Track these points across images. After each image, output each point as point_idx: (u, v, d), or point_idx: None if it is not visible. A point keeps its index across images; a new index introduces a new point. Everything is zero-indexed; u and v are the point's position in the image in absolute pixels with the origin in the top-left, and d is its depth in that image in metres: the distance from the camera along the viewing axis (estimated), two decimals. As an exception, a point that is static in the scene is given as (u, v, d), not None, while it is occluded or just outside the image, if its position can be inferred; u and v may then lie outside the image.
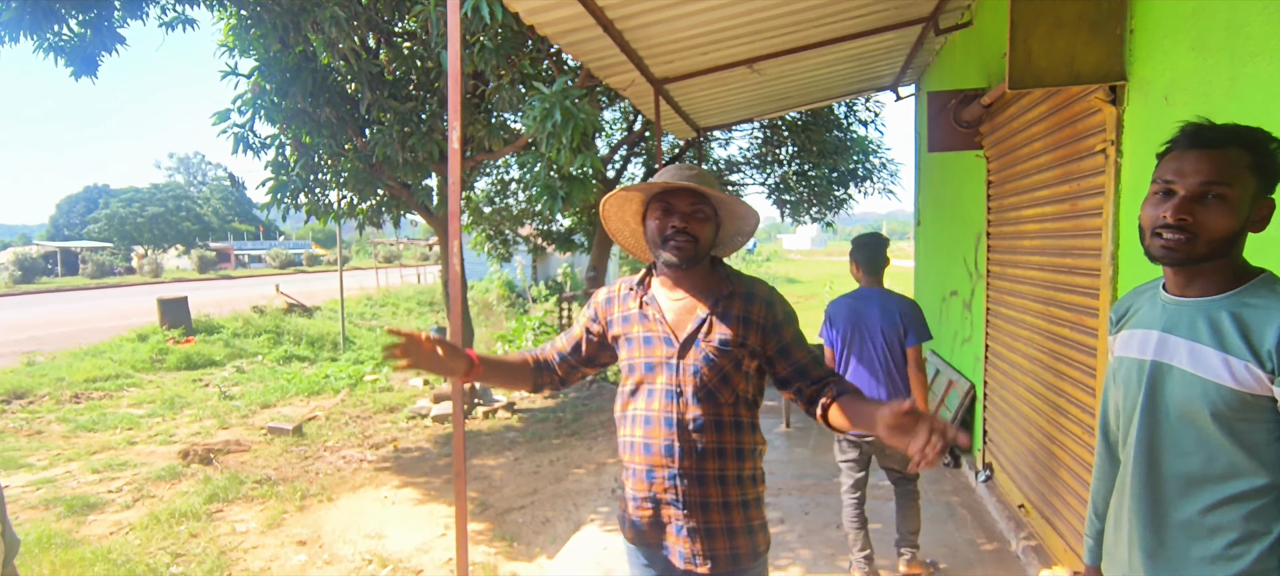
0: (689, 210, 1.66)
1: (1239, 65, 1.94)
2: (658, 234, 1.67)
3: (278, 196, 6.57)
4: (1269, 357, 1.14)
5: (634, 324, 1.74)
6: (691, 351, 1.68)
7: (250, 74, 6.12)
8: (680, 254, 1.65)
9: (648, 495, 1.70)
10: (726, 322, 1.68)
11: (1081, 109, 2.92)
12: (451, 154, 2.08)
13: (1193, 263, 1.23)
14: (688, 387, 1.66)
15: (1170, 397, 1.26)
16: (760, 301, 1.73)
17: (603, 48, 4.31)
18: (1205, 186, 1.19)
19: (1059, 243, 3.28)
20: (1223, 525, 1.22)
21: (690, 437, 1.66)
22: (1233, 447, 1.20)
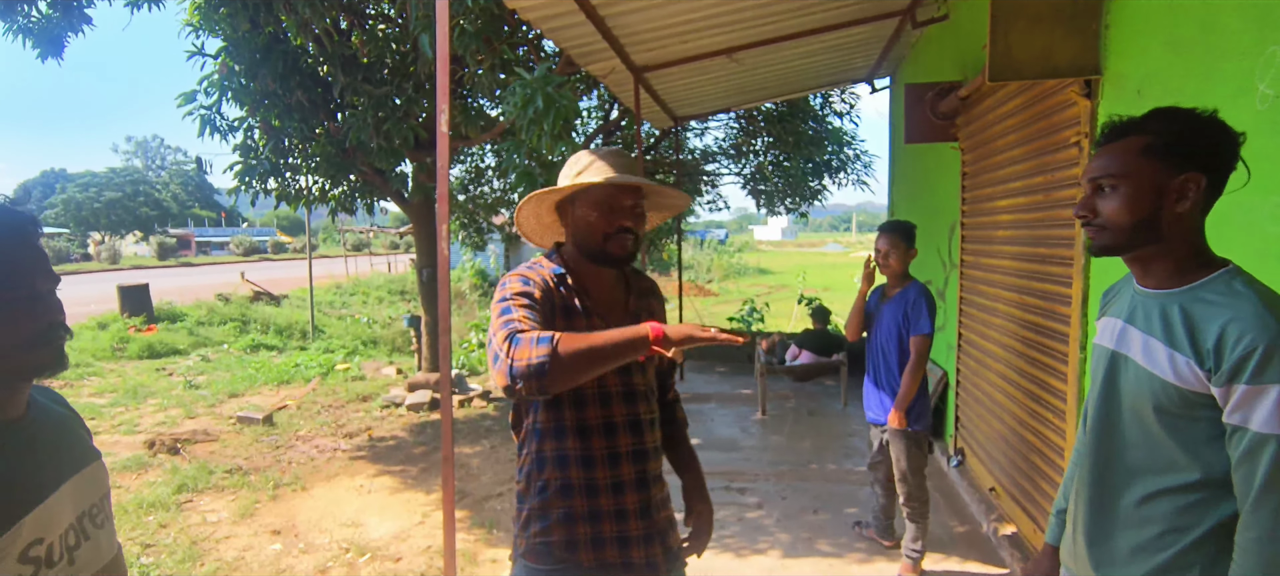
0: (633, 205, 1.57)
1: (1212, 61, 2.01)
2: (596, 230, 1.55)
3: (246, 181, 6.42)
4: (1208, 356, 1.14)
5: (574, 316, 1.57)
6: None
7: (217, 54, 5.95)
8: (625, 250, 1.56)
9: (614, 510, 1.55)
10: (649, 318, 1.63)
11: (1057, 102, 3.00)
12: (440, 137, 2.06)
13: (1115, 252, 1.27)
14: (640, 387, 1.60)
15: (1124, 388, 1.29)
16: (657, 295, 1.75)
17: (584, 34, 4.29)
18: (1095, 182, 1.26)
19: (1033, 232, 3.36)
20: (1155, 516, 1.24)
21: (651, 439, 1.61)
22: (1172, 443, 1.21)
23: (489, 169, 11.50)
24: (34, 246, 0.99)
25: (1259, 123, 1.78)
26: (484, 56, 4.87)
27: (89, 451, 1.11)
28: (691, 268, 28.39)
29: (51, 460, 1.02)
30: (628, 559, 1.56)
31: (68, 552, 1.00)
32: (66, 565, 1.00)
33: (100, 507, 1.09)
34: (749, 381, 7.80)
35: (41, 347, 0.97)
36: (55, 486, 1.01)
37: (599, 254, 1.57)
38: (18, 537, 0.94)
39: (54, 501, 1.00)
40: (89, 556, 1.04)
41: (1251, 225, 1.79)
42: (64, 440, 1.07)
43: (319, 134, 6.42)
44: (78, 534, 1.03)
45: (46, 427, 1.05)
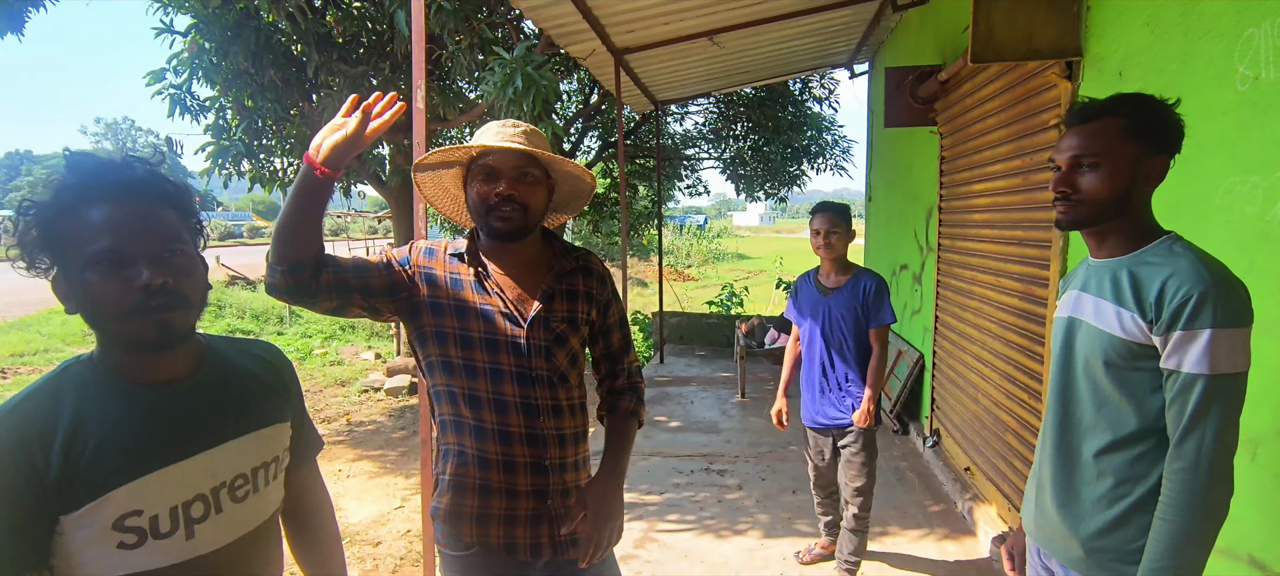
0: (515, 173, 1.47)
1: (1191, 42, 2.02)
2: (480, 203, 1.48)
3: (218, 162, 6.27)
4: (1150, 308, 1.25)
5: (467, 292, 1.50)
6: (541, 331, 1.52)
7: (187, 32, 5.79)
8: (507, 223, 1.46)
9: (505, 487, 1.50)
10: (572, 299, 1.58)
11: (1037, 84, 3.01)
12: (416, 114, 2.02)
13: (1084, 225, 1.37)
14: (541, 370, 1.51)
15: (1078, 349, 1.39)
16: (596, 275, 1.63)
17: (564, 13, 4.24)
18: (1075, 159, 1.34)
19: (1011, 215, 3.39)
20: (1109, 469, 1.34)
21: (551, 425, 1.53)
22: (1120, 396, 1.32)
23: (468, 152, 11.37)
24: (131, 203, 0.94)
25: (1239, 104, 1.80)
26: (462, 36, 4.79)
27: (253, 420, 1.08)
28: (671, 253, 28.43)
29: (195, 427, 1.01)
30: (511, 539, 1.51)
31: (187, 524, 0.97)
32: (182, 537, 0.97)
33: (248, 480, 1.05)
34: (728, 364, 7.83)
35: (134, 318, 0.93)
36: (179, 458, 0.98)
37: (486, 228, 1.50)
38: (106, 506, 0.92)
39: (175, 471, 0.97)
40: (215, 530, 1.00)
41: (1230, 206, 1.81)
42: (225, 407, 1.05)
43: (293, 114, 6.29)
44: (207, 505, 1.00)
45: (206, 392, 1.04)
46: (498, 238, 1.50)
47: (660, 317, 8.69)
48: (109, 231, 0.91)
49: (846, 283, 2.86)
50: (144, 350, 0.97)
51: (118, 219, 0.92)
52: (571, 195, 1.67)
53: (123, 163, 0.97)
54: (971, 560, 3.37)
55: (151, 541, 0.95)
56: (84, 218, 0.92)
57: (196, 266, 1.01)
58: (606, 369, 1.70)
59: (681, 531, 3.67)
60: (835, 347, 2.88)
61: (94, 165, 0.95)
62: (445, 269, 1.53)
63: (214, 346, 1.12)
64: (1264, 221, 1.72)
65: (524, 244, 1.55)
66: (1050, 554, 1.46)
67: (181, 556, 0.97)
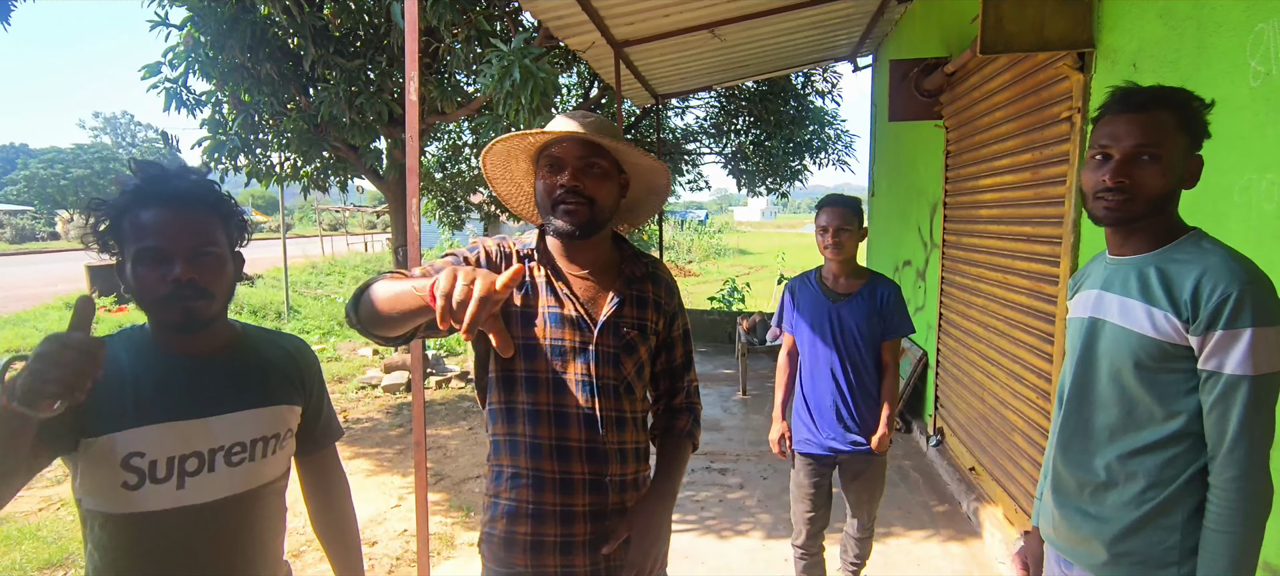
0: (581, 165, 1.36)
1: (1205, 35, 1.96)
2: (546, 195, 1.38)
3: (215, 157, 6.20)
4: (1185, 307, 1.21)
5: (537, 296, 1.42)
6: (609, 338, 1.42)
7: (182, 25, 5.71)
8: (572, 219, 1.36)
9: (560, 510, 1.40)
10: (640, 307, 1.48)
11: (1048, 76, 2.95)
12: (409, 105, 1.96)
13: (1131, 222, 1.30)
14: (609, 381, 1.42)
15: (1101, 351, 1.34)
16: (665, 285, 1.54)
17: (563, 4, 4.17)
18: (1138, 148, 1.25)
19: (1019, 211, 3.32)
20: (1137, 472, 1.30)
21: (612, 440, 1.43)
22: (1150, 398, 1.27)
23: (467, 146, 11.30)
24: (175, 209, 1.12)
25: (1254, 100, 1.75)
26: (459, 28, 4.72)
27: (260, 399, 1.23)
28: (672, 248, 28.38)
29: (210, 392, 1.18)
30: (570, 567, 1.41)
31: (180, 475, 1.13)
32: (174, 484, 1.13)
33: (246, 449, 1.19)
34: (730, 361, 7.78)
35: (164, 306, 1.12)
36: (194, 415, 1.15)
37: (551, 224, 1.39)
38: (112, 445, 1.09)
39: (177, 427, 1.13)
40: (205, 485, 1.16)
41: (1249, 203, 1.76)
42: (237, 384, 1.21)
43: (290, 109, 6.22)
44: (202, 462, 1.15)
45: (224, 369, 1.21)
46: (563, 234, 1.39)
47: (661, 313, 8.62)
48: (154, 232, 1.10)
49: (861, 289, 2.50)
50: (172, 331, 1.17)
51: (162, 222, 1.11)
52: (646, 193, 1.55)
53: (175, 173, 1.15)
54: (978, 562, 3.32)
55: (149, 484, 1.11)
56: (138, 218, 1.11)
57: (225, 266, 1.18)
58: (666, 385, 1.59)
59: (683, 531, 3.62)
60: (850, 362, 2.50)
61: (152, 174, 1.13)
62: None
63: (247, 334, 1.29)
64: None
65: (594, 243, 1.45)
66: (1072, 560, 1.41)
67: (172, 503, 1.13)
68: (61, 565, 3.53)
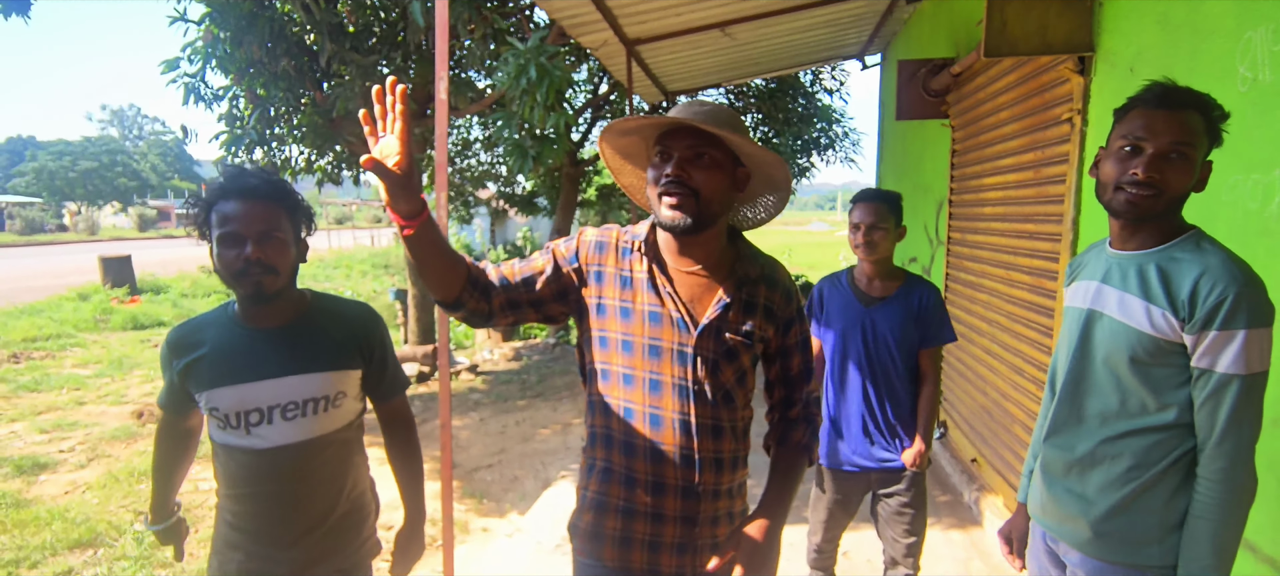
0: (690, 154, 1.30)
1: (1199, 40, 2.05)
2: (653, 185, 1.34)
3: (232, 150, 6.32)
4: (1182, 306, 1.26)
5: (637, 292, 1.38)
6: (711, 342, 1.37)
7: (201, 21, 5.82)
8: (676, 210, 1.30)
9: (651, 510, 1.39)
10: (750, 312, 1.40)
11: (1050, 78, 3.03)
12: (438, 104, 2.06)
13: (1151, 218, 1.32)
14: (706, 385, 1.36)
15: (1098, 342, 1.39)
16: (782, 289, 1.45)
17: (577, 3, 4.26)
18: (1174, 145, 1.27)
19: (1021, 209, 3.41)
20: (1123, 453, 1.36)
21: (709, 447, 1.38)
22: (1144, 389, 1.33)
23: (476, 141, 11.41)
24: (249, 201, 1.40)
25: (1242, 104, 1.83)
26: (475, 26, 4.82)
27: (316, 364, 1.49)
28: (678, 244, 28.29)
29: (270, 360, 1.46)
30: (655, 566, 1.40)
31: (246, 425, 1.45)
32: (243, 432, 1.46)
33: (299, 407, 1.47)
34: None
35: (239, 279, 1.40)
36: (255, 379, 1.44)
37: (657, 216, 1.34)
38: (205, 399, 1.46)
39: (242, 388, 1.44)
40: (267, 433, 1.46)
41: (1235, 202, 1.85)
42: (296, 352, 1.48)
43: (305, 103, 6.33)
44: (262, 416, 1.45)
45: (287, 339, 1.48)
46: (668, 227, 1.32)
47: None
48: (233, 219, 1.39)
49: (897, 292, 2.30)
50: (248, 303, 1.46)
51: (239, 211, 1.39)
52: (766, 187, 1.47)
53: (251, 173, 1.42)
54: (978, 550, 3.42)
55: (229, 428, 1.46)
56: (222, 208, 1.40)
57: (288, 248, 1.45)
58: (781, 394, 1.51)
59: (691, 518, 3.72)
60: (882, 372, 2.30)
61: (232, 173, 1.42)
62: (617, 264, 1.41)
63: (317, 302, 1.57)
64: (1263, 217, 1.76)
65: (705, 240, 1.38)
66: (1058, 537, 1.49)
67: (245, 444, 1.47)
68: (90, 545, 3.65)
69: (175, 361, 1.48)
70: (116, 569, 3.39)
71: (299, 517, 1.50)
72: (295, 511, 1.50)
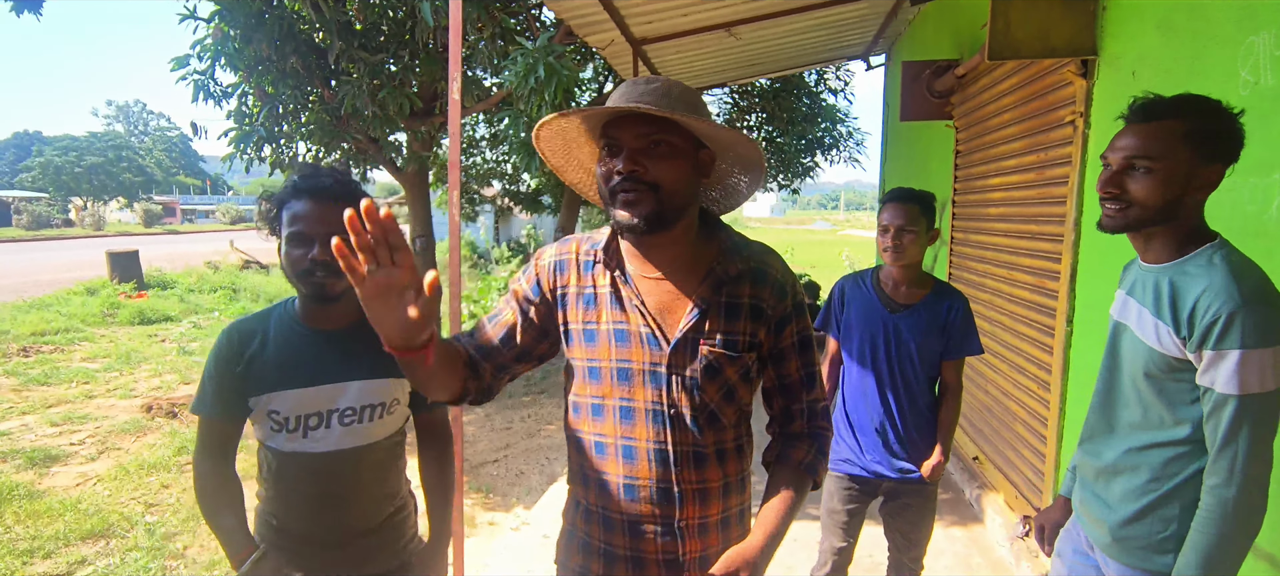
0: (642, 145, 1.12)
1: (1199, 46, 2.08)
2: (603, 185, 1.17)
3: (240, 147, 6.38)
4: (1184, 325, 1.25)
5: (600, 309, 1.23)
6: (687, 357, 1.19)
7: (211, 18, 5.88)
8: (631, 210, 1.13)
9: (630, 554, 1.25)
10: (733, 316, 1.20)
11: (1053, 81, 3.07)
12: (452, 104, 2.10)
13: (1131, 229, 1.34)
14: (684, 408, 1.20)
15: (1123, 355, 1.42)
16: (772, 284, 1.23)
17: (586, 3, 4.29)
18: (1129, 160, 1.30)
19: (1024, 210, 3.44)
20: (1144, 464, 1.37)
21: (691, 477, 1.21)
22: (1160, 404, 1.34)
23: (482, 139, 11.46)
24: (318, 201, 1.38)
25: (1245, 109, 1.86)
26: (484, 25, 4.87)
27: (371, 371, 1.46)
28: (681, 243, 28.36)
29: (331, 364, 1.44)
30: None
31: (304, 428, 1.43)
32: (300, 435, 1.43)
33: (356, 413, 1.46)
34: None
35: (303, 279, 1.39)
36: (317, 383, 1.43)
37: (613, 220, 1.17)
38: (264, 401, 1.42)
39: (306, 392, 1.43)
40: (322, 438, 1.44)
41: (1235, 205, 1.88)
42: (353, 358, 1.46)
43: (313, 101, 6.38)
44: (321, 420, 1.44)
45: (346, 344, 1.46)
46: (627, 230, 1.15)
47: (671, 306, 8.76)
48: (303, 219, 1.38)
49: (924, 300, 2.19)
50: (312, 302, 1.44)
51: (307, 211, 1.38)
52: (736, 168, 1.28)
53: (326, 173, 1.42)
54: (979, 546, 3.45)
55: (284, 432, 1.43)
56: (293, 207, 1.39)
57: None
58: (779, 405, 1.30)
59: (695, 514, 3.76)
60: (903, 381, 2.21)
61: (305, 173, 1.42)
62: (578, 282, 1.26)
63: None
64: (1262, 220, 1.79)
65: (673, 238, 1.20)
66: (1091, 538, 1.52)
67: (297, 448, 1.44)
68: (102, 536, 3.71)
69: (236, 358, 1.43)
70: (128, 559, 3.44)
71: (348, 521, 1.49)
72: (345, 515, 1.48)
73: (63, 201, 41.15)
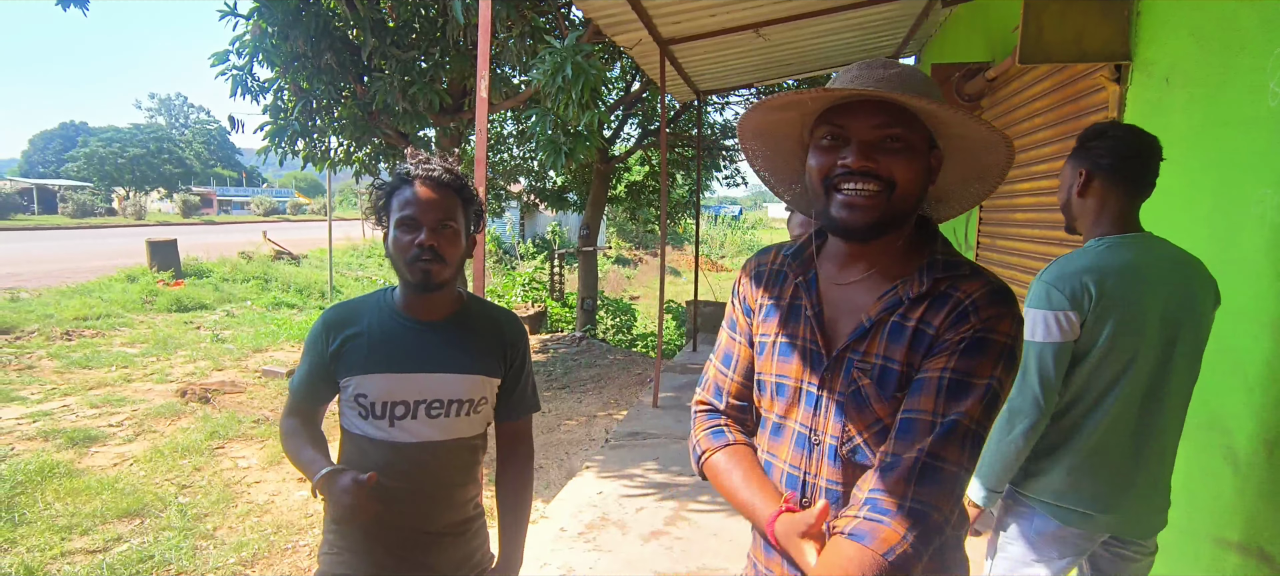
0: (875, 137, 0.96)
1: (1229, 55, 2.04)
2: (819, 177, 1.01)
3: (276, 141, 6.53)
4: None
5: (776, 320, 1.11)
6: (839, 380, 1.03)
7: (249, 15, 6.02)
8: (855, 211, 0.98)
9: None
10: (896, 341, 1.00)
11: (1086, 86, 3.02)
12: (479, 102, 2.14)
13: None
14: (830, 437, 1.04)
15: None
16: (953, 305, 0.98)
17: (613, 3, 4.33)
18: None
19: (1054, 216, 3.38)
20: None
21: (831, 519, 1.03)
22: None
23: (509, 136, 11.57)
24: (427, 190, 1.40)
25: (1271, 118, 1.83)
26: (514, 23, 4.92)
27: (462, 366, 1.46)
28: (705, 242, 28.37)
29: (424, 354, 1.44)
30: None
31: (391, 417, 1.43)
32: (386, 423, 1.42)
33: (443, 407, 1.45)
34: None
35: (410, 266, 1.40)
36: (408, 371, 1.43)
37: (830, 219, 1.01)
38: (353, 384, 1.43)
39: (394, 378, 1.42)
40: (409, 428, 1.44)
41: (1262, 215, 1.84)
42: (447, 352, 1.46)
43: (346, 96, 6.50)
44: (408, 410, 1.43)
45: (441, 337, 1.46)
46: (842, 230, 1.01)
47: (694, 306, 8.77)
48: (411, 205, 1.39)
49: None
50: (415, 290, 1.43)
51: (416, 199, 1.39)
52: (970, 178, 1.09)
53: (433, 164, 1.43)
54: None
55: (371, 419, 1.43)
56: (402, 195, 1.41)
57: (459, 239, 1.44)
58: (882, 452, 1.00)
59: (711, 512, 3.78)
60: None
61: (419, 160, 1.44)
62: (767, 293, 1.15)
63: (470, 304, 1.54)
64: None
65: (884, 244, 1.03)
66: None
67: (384, 436, 1.43)
68: (137, 515, 3.84)
69: (331, 338, 1.45)
70: (161, 538, 3.56)
71: (423, 517, 1.47)
72: (420, 510, 1.46)
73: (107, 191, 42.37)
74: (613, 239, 29.04)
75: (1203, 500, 2.00)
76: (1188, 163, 2.17)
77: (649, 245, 29.39)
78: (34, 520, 3.67)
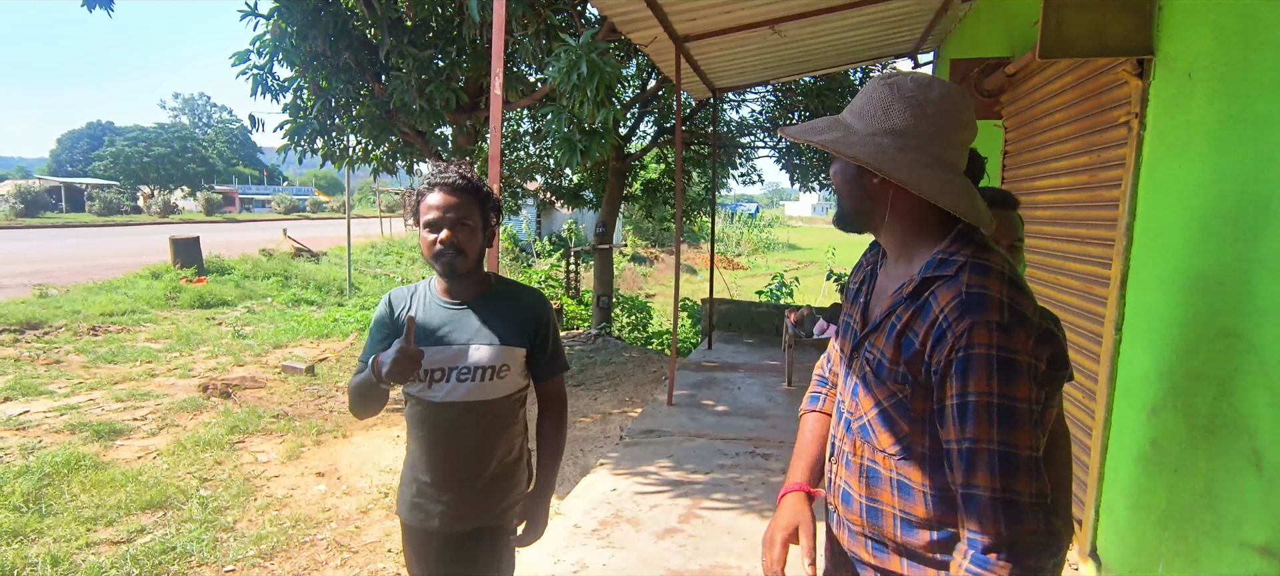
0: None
1: (1250, 50, 2.00)
2: None
3: (295, 140, 6.61)
4: None
5: (849, 301, 1.27)
6: (857, 359, 1.15)
7: (270, 15, 6.09)
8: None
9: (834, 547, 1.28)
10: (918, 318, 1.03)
11: (1107, 81, 2.97)
12: (493, 99, 2.15)
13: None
14: (852, 410, 1.16)
15: None
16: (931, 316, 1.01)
17: (629, 0, 4.33)
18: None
19: (1074, 213, 3.35)
20: None
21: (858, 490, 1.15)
22: None
23: (525, 134, 11.61)
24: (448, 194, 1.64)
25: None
26: (529, 22, 4.93)
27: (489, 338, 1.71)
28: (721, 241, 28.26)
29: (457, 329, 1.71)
30: None
31: (430, 379, 1.70)
32: (427, 385, 1.70)
33: (470, 373, 1.70)
34: (777, 353, 7.86)
35: (437, 259, 1.66)
36: (443, 343, 1.70)
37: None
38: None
39: (433, 349, 1.67)
40: (444, 389, 1.71)
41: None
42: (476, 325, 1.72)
43: (364, 95, 6.56)
44: (444, 375, 1.70)
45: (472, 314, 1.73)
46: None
47: (710, 304, 8.75)
48: (435, 208, 1.64)
49: None
50: (443, 278, 1.73)
51: (440, 202, 1.64)
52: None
53: (450, 171, 1.66)
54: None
55: (418, 382, 1.70)
56: (428, 199, 1.65)
57: (476, 235, 1.68)
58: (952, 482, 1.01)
59: (725, 509, 3.77)
60: None
61: (440, 170, 1.67)
62: (857, 275, 1.32)
63: (499, 285, 1.81)
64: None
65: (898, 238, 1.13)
66: None
67: (424, 395, 1.72)
68: (160, 507, 3.91)
69: (397, 311, 1.77)
70: (183, 530, 3.62)
71: (455, 467, 1.74)
72: (451, 460, 1.74)
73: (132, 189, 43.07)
74: (629, 237, 29.05)
75: (1227, 503, 1.97)
76: (1212, 159, 2.13)
77: (665, 243, 29.38)
78: (61, 511, 3.75)
